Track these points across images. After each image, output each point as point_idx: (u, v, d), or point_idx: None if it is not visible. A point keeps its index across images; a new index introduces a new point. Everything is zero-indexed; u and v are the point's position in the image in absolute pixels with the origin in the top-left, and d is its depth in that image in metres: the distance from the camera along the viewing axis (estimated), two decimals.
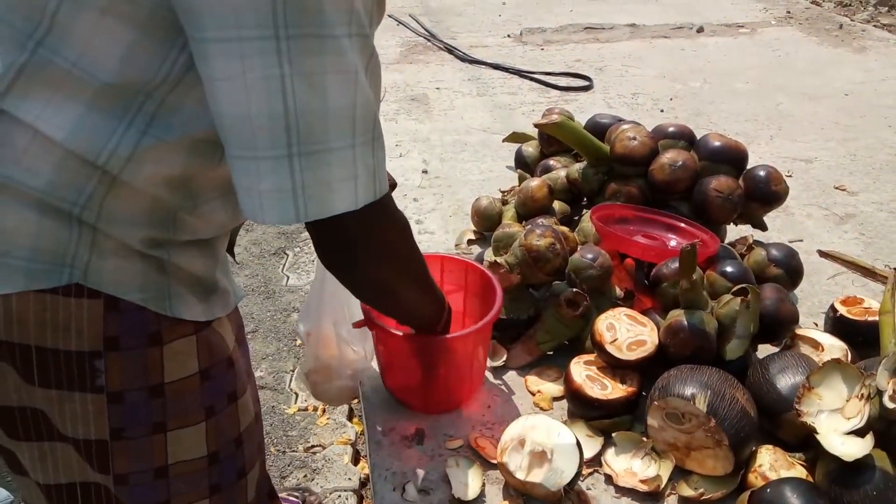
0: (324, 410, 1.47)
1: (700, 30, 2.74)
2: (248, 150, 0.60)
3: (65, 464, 0.79)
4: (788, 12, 3.02)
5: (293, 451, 1.39)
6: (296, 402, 1.50)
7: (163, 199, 0.70)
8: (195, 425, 0.79)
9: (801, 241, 1.41)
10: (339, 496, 1.29)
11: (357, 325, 0.95)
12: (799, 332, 1.05)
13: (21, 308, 0.69)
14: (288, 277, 1.83)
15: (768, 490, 0.80)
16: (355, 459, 1.37)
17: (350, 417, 1.47)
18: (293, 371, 1.57)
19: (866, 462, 0.80)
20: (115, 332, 0.71)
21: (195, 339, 0.77)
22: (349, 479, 1.32)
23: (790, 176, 1.67)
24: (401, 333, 0.92)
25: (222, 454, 0.83)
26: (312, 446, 1.40)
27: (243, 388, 0.86)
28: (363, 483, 1.31)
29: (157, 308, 0.73)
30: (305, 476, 1.33)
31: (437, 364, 0.95)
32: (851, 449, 0.80)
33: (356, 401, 1.08)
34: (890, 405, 0.81)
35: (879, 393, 0.82)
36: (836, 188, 1.63)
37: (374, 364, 1.05)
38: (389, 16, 2.68)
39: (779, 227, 1.45)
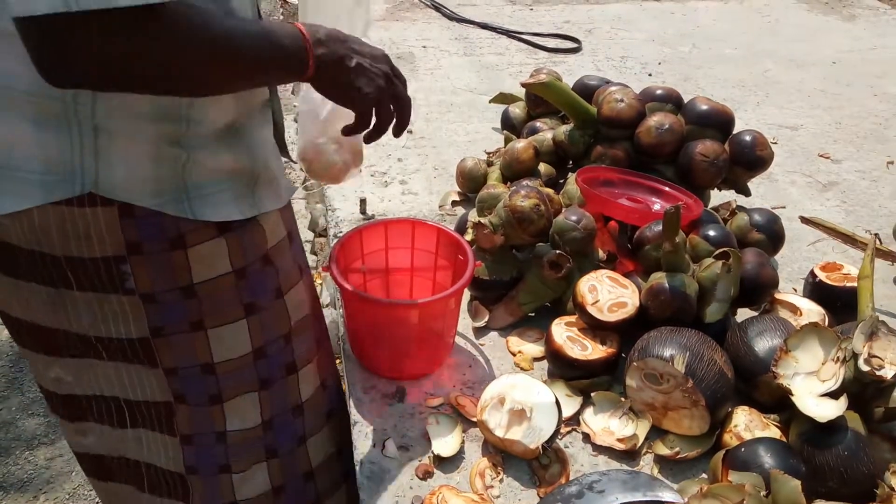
0: None
1: None
2: None
3: (105, 378, 0.83)
4: None
5: None
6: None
7: None
8: (234, 322, 0.81)
9: (784, 207, 1.41)
10: None
11: (325, 269, 0.97)
12: (778, 296, 1.06)
13: (43, 221, 0.70)
14: None
15: (742, 449, 0.82)
16: None
17: None
18: None
19: (839, 423, 0.81)
20: (135, 238, 0.73)
21: (223, 240, 0.77)
22: None
23: (775, 143, 1.66)
24: (364, 295, 0.92)
25: (270, 349, 0.85)
26: None
27: (291, 283, 0.86)
28: None
29: (175, 212, 0.73)
30: None
31: (404, 331, 0.95)
32: (825, 410, 0.81)
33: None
34: (865, 368, 0.82)
35: (855, 356, 0.84)
36: (821, 156, 1.64)
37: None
38: None
39: (762, 193, 1.45)
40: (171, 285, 0.76)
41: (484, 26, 2.28)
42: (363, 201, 1.34)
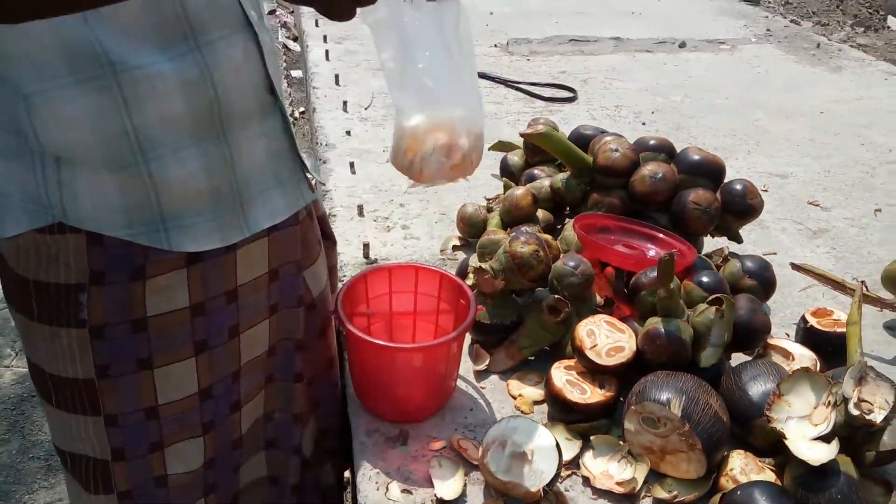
0: None
1: (682, 45, 2.79)
2: None
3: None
4: (768, 30, 3.09)
5: None
6: None
7: None
8: (184, 361, 0.78)
9: (776, 254, 1.45)
10: None
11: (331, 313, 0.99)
12: (771, 341, 1.09)
13: (26, 246, 0.72)
14: None
15: (739, 493, 0.84)
16: None
17: None
18: None
19: (832, 467, 0.84)
20: (100, 267, 0.72)
21: (185, 272, 0.75)
22: None
23: (766, 191, 1.71)
24: (369, 339, 0.95)
25: (216, 390, 0.82)
26: None
27: (252, 323, 0.83)
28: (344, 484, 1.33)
29: (150, 242, 0.72)
30: None
31: (407, 374, 0.97)
32: (818, 454, 0.84)
33: None
34: (855, 412, 0.84)
35: (845, 400, 0.86)
36: (810, 203, 1.68)
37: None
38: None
39: (754, 240, 1.49)
40: (122, 318, 0.75)
41: (482, 76, 2.35)
42: (366, 246, 1.37)
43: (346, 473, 1.28)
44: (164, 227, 0.73)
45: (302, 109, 3.52)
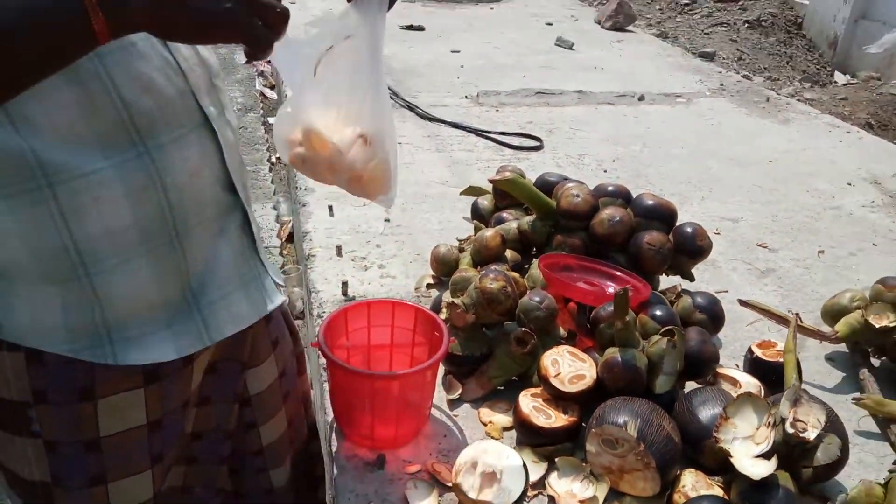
0: None
1: (641, 98, 2.96)
2: None
3: None
4: (721, 84, 3.29)
5: None
6: None
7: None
8: (140, 474, 0.75)
9: (727, 291, 1.56)
10: None
11: (314, 344, 1.03)
12: (720, 371, 1.18)
13: None
14: None
15: None
16: None
17: None
18: None
19: (772, 481, 0.92)
20: (42, 387, 0.68)
21: (142, 391, 0.71)
22: None
23: (718, 234, 1.84)
24: (349, 367, 1.01)
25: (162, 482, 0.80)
26: None
27: (208, 428, 0.82)
28: None
29: (93, 358, 0.67)
30: None
31: (384, 401, 1.03)
32: (759, 469, 0.92)
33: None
34: (790, 430, 0.94)
35: (783, 421, 0.95)
36: (759, 245, 1.81)
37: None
38: None
39: (707, 279, 1.60)
40: (73, 437, 0.70)
41: (454, 125, 2.48)
42: (345, 284, 1.45)
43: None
44: (109, 339, 0.68)
45: (278, 156, 3.61)
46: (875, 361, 1.32)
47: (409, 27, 3.81)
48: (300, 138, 0.74)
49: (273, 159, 3.56)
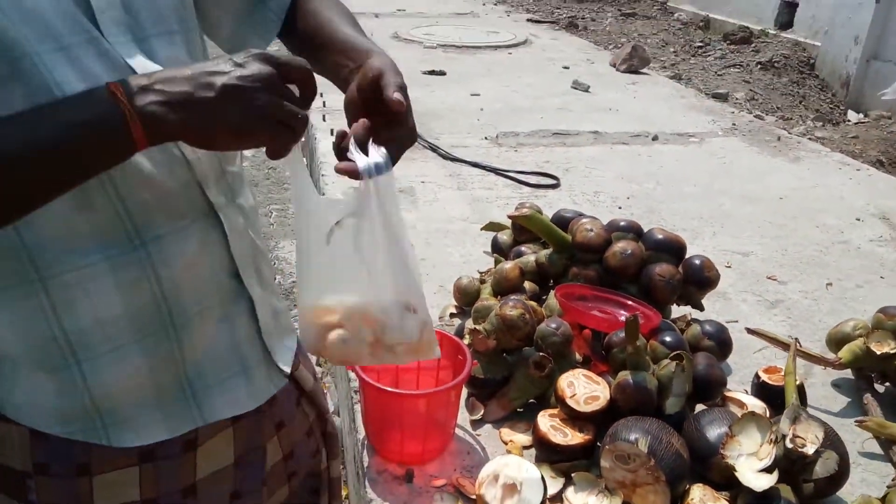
0: None
1: (655, 138, 3.07)
2: None
3: None
4: (734, 124, 3.39)
5: None
6: None
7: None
8: None
9: (737, 321, 1.63)
10: None
11: (349, 367, 1.10)
12: (728, 394, 1.26)
13: None
14: None
15: None
16: None
17: None
18: None
19: (774, 493, 0.99)
20: (44, 460, 0.70)
21: (136, 469, 0.72)
22: None
23: (729, 267, 1.92)
24: (381, 387, 1.09)
25: None
26: None
27: None
28: None
29: (88, 438, 0.69)
30: None
31: (412, 418, 1.11)
32: (761, 482, 0.99)
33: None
34: (790, 446, 1.01)
35: (783, 437, 1.02)
36: (768, 278, 1.88)
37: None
38: None
39: (718, 309, 1.68)
40: None
41: (475, 165, 2.60)
42: None
43: None
44: (101, 423, 0.70)
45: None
46: (879, 388, 1.38)
47: (431, 72, 3.97)
48: (336, 321, 0.73)
49: None
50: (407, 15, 5.95)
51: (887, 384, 1.37)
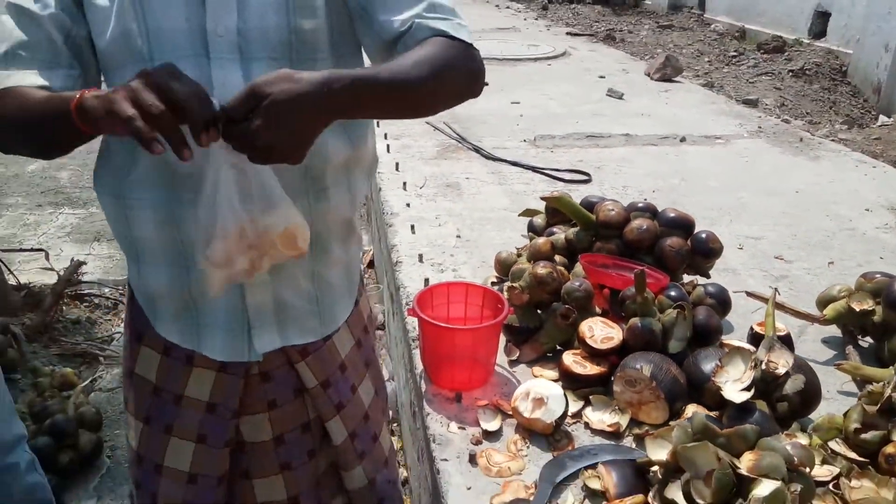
0: None
1: (683, 140, 3.30)
2: None
3: None
4: (760, 127, 3.59)
5: None
6: None
7: None
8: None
9: (744, 292, 1.86)
10: None
11: (410, 312, 1.40)
12: (726, 341, 1.50)
13: None
14: None
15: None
16: None
17: None
18: None
19: (750, 405, 1.23)
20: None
21: (160, 357, 1.10)
22: None
23: (741, 248, 2.14)
24: (437, 323, 1.38)
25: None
26: None
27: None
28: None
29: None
30: None
31: (461, 350, 1.40)
32: (741, 396, 1.24)
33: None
34: (764, 368, 1.25)
35: (760, 362, 1.27)
36: (776, 258, 2.11)
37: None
38: (427, 122, 3.28)
39: (727, 282, 1.90)
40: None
41: (514, 163, 2.87)
42: (426, 280, 1.84)
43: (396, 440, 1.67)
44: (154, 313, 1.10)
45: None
46: (864, 343, 1.60)
47: None
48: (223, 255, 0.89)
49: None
50: None
51: (868, 339, 1.59)
